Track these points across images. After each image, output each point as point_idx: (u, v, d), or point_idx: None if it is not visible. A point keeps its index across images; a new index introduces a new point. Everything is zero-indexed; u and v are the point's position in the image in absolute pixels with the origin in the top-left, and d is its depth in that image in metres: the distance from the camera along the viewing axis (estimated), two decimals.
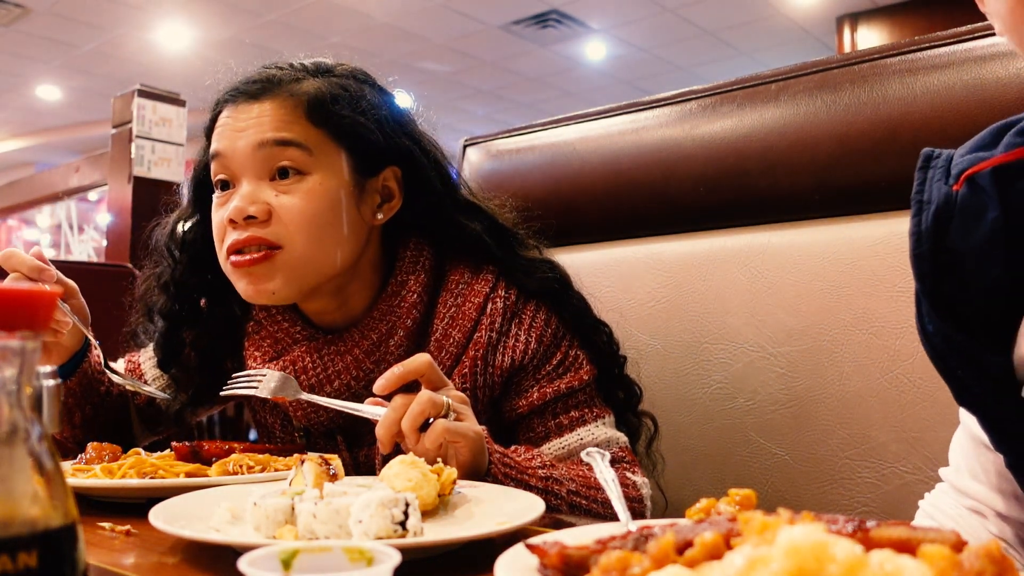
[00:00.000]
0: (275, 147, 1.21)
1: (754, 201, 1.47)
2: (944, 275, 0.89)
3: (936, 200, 0.90)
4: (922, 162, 0.95)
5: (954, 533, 0.50)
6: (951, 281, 0.88)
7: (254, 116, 1.23)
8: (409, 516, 0.78)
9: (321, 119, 1.24)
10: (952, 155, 0.92)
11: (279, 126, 1.22)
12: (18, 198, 4.60)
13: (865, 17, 7.33)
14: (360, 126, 1.26)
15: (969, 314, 0.88)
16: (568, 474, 1.18)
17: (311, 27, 7.60)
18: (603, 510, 1.15)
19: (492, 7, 7.28)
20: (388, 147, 1.29)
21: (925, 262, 0.90)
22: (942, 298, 0.89)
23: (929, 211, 0.90)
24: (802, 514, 0.53)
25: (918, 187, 0.93)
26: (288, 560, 0.54)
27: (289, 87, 1.25)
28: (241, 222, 1.21)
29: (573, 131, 1.71)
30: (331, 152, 1.24)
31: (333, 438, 1.34)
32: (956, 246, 0.88)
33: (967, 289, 0.88)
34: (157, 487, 1.03)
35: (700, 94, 1.55)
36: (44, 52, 8.28)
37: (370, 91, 1.31)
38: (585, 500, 1.16)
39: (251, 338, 1.37)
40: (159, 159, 3.22)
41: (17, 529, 0.41)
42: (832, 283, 1.36)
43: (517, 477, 1.12)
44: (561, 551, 0.58)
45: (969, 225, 0.88)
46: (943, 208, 0.89)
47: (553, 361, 1.30)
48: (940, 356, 0.91)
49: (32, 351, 0.43)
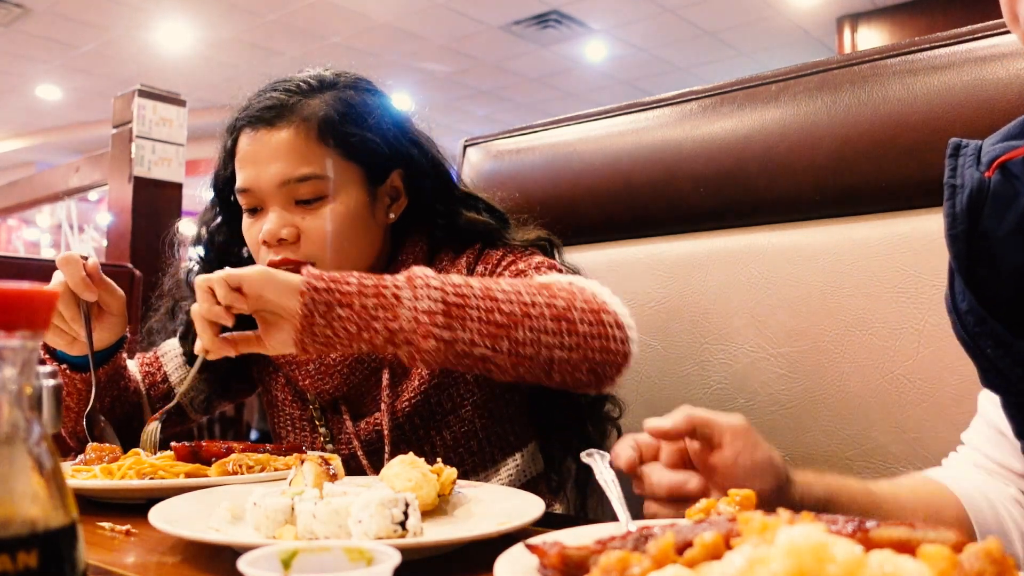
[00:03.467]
0: (297, 183, 1.30)
1: (754, 201, 1.47)
2: (978, 257, 0.89)
3: (969, 184, 0.90)
4: (951, 150, 0.95)
5: (954, 532, 0.50)
6: (984, 263, 0.89)
7: (272, 147, 1.31)
8: (409, 516, 0.78)
9: (333, 140, 1.32)
10: (980, 145, 0.93)
11: (299, 161, 1.31)
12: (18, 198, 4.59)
13: (865, 18, 7.33)
14: (368, 141, 1.34)
15: (1000, 299, 0.88)
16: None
17: (311, 27, 7.60)
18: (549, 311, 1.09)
19: (492, 7, 7.28)
20: (393, 153, 1.37)
21: (960, 242, 0.90)
22: (975, 279, 0.89)
23: (963, 194, 0.90)
24: (802, 514, 0.53)
25: (950, 172, 0.93)
26: (288, 560, 0.54)
27: (301, 111, 1.32)
28: (274, 244, 1.31)
29: (573, 131, 1.71)
30: (345, 170, 1.33)
31: (337, 408, 1.39)
32: (988, 231, 0.88)
33: (999, 274, 0.88)
34: (157, 487, 1.03)
35: (700, 95, 1.55)
36: (44, 52, 8.27)
37: (372, 100, 1.39)
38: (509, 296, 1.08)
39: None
40: (159, 159, 3.22)
41: (17, 529, 0.41)
42: (833, 284, 1.36)
43: (347, 282, 1.05)
44: (561, 551, 0.58)
45: (1001, 211, 0.88)
46: (976, 193, 0.88)
47: (519, 262, 1.33)
48: (972, 336, 0.90)
49: (32, 351, 0.43)
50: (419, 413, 1.33)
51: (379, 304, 1.04)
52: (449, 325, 1.04)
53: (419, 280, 1.06)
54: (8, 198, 4.57)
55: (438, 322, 1.03)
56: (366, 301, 1.04)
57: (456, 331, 1.04)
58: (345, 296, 1.03)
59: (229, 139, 1.39)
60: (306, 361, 1.37)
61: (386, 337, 1.04)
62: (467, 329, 1.05)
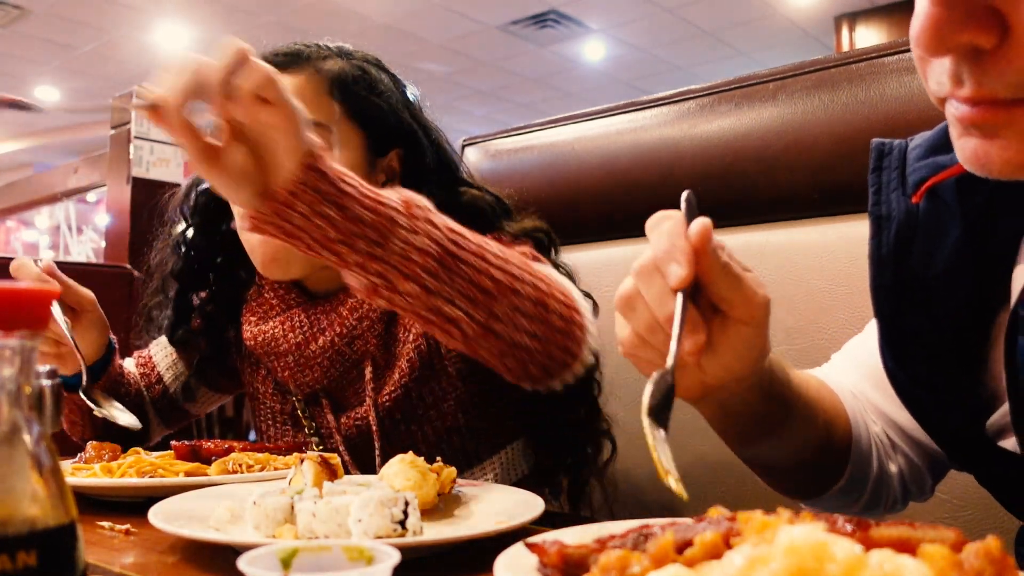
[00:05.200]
0: None
1: (752, 200, 1.47)
2: (909, 308, 0.82)
3: (897, 215, 0.83)
4: (875, 160, 0.86)
5: (954, 532, 0.50)
6: (916, 314, 0.82)
7: None
8: (408, 515, 0.78)
9: (343, 97, 1.29)
10: (904, 149, 0.85)
11: (305, 105, 1.22)
12: (16, 199, 4.59)
13: (863, 16, 7.34)
14: (376, 107, 1.32)
15: (939, 346, 0.81)
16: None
17: (309, 28, 7.53)
18: (508, 282, 0.99)
19: (490, 7, 7.29)
20: (397, 129, 1.34)
21: (886, 296, 0.84)
22: (905, 334, 0.83)
23: (890, 230, 0.83)
24: (802, 514, 0.53)
25: (874, 197, 0.85)
26: (287, 559, 0.54)
27: (315, 64, 1.30)
28: None
29: (571, 131, 1.71)
30: (349, 130, 1.30)
31: (318, 402, 1.36)
32: (919, 272, 0.81)
33: (936, 321, 0.81)
34: (157, 486, 1.03)
35: (698, 94, 1.55)
36: (42, 53, 8.27)
37: (386, 76, 1.38)
38: (475, 254, 0.98)
39: (249, 304, 1.42)
40: (158, 160, 3.21)
41: (16, 528, 0.41)
42: (830, 282, 1.36)
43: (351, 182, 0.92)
44: (561, 550, 0.58)
45: (932, 247, 0.80)
46: (904, 225, 0.80)
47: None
48: (904, 392, 0.86)
49: (31, 350, 0.43)
50: (400, 407, 1.30)
51: (373, 222, 0.91)
52: (437, 273, 0.93)
53: (418, 210, 0.95)
54: (6, 199, 4.57)
55: (429, 266, 0.93)
56: (359, 211, 0.90)
57: (443, 283, 0.93)
58: (340, 196, 0.89)
59: None
60: (285, 352, 1.32)
61: (359, 260, 0.91)
62: (453, 284, 0.94)
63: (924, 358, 0.82)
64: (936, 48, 0.61)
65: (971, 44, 0.60)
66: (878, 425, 1.00)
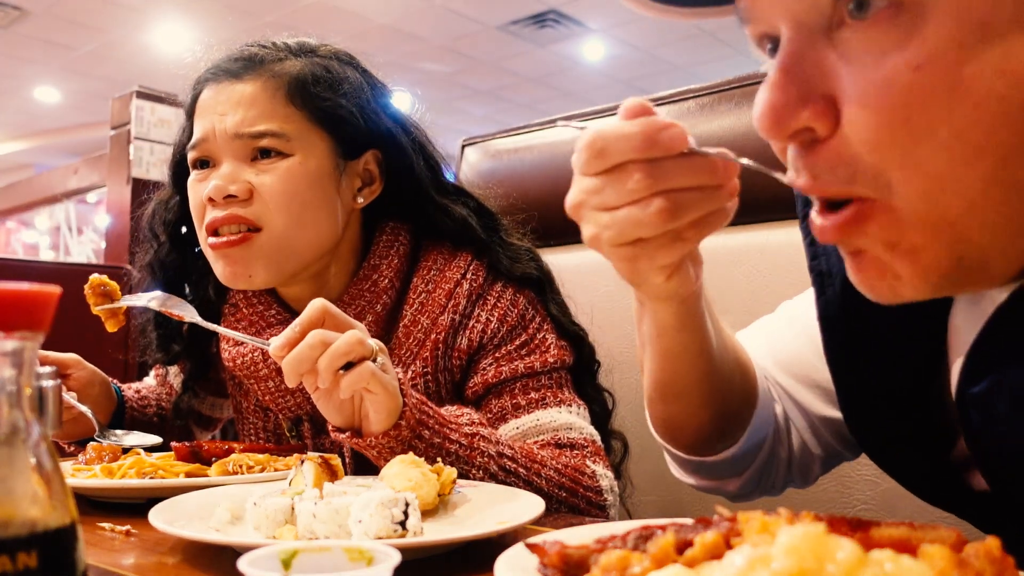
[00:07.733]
0: (252, 139, 1.21)
1: (751, 200, 1.46)
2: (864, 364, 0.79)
3: (839, 270, 0.77)
4: (802, 207, 0.82)
5: (954, 532, 0.50)
6: (872, 365, 0.78)
7: (235, 99, 1.23)
8: (409, 516, 0.78)
9: (302, 101, 1.24)
10: None
11: (259, 116, 1.22)
12: (17, 200, 4.60)
13: None
14: (341, 108, 1.26)
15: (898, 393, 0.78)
16: (505, 441, 1.11)
17: (309, 29, 7.54)
18: (543, 484, 1.09)
19: (490, 7, 7.28)
20: (370, 130, 1.29)
21: (844, 356, 0.80)
22: (865, 390, 0.80)
23: (834, 287, 0.79)
24: (802, 514, 0.53)
25: (810, 250, 0.82)
26: (288, 560, 0.54)
27: (271, 67, 1.25)
28: (221, 201, 1.21)
29: (571, 131, 1.71)
30: (311, 134, 1.25)
31: (300, 424, 1.34)
32: (873, 322, 0.75)
33: (892, 368, 0.77)
34: (157, 487, 1.03)
35: (698, 93, 1.55)
36: (42, 54, 8.27)
37: (353, 73, 1.31)
38: (519, 467, 1.09)
39: (226, 320, 1.37)
40: (158, 160, 3.22)
41: (17, 529, 0.41)
42: None
43: (435, 428, 1.05)
44: (561, 551, 0.58)
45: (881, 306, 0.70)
46: (848, 285, 0.70)
47: (516, 341, 1.26)
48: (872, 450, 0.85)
49: (32, 351, 0.43)
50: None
51: (446, 450, 1.05)
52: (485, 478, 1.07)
53: (482, 443, 1.08)
54: (7, 200, 4.57)
55: (480, 476, 1.07)
56: (439, 451, 1.04)
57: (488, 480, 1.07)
58: (428, 449, 1.04)
59: (191, 96, 1.30)
60: (266, 378, 1.29)
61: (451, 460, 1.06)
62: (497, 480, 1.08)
63: (886, 407, 0.80)
64: (775, 131, 0.61)
65: (808, 130, 0.60)
66: (780, 406, 0.99)
